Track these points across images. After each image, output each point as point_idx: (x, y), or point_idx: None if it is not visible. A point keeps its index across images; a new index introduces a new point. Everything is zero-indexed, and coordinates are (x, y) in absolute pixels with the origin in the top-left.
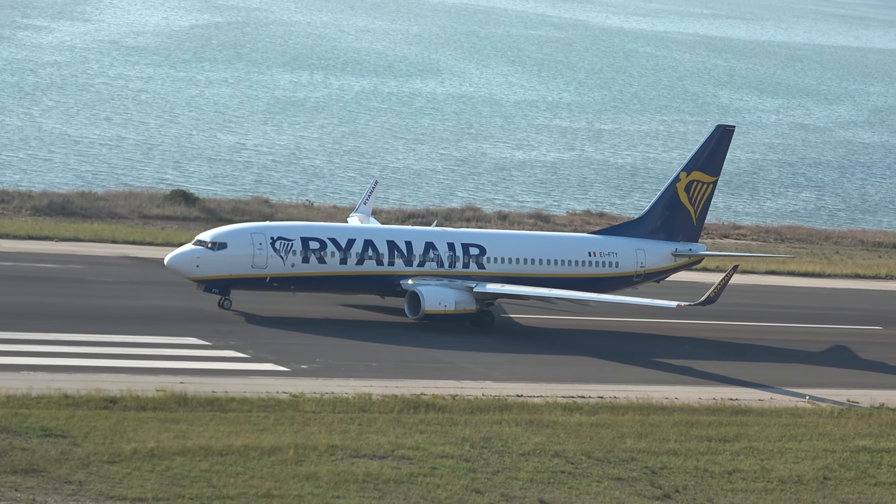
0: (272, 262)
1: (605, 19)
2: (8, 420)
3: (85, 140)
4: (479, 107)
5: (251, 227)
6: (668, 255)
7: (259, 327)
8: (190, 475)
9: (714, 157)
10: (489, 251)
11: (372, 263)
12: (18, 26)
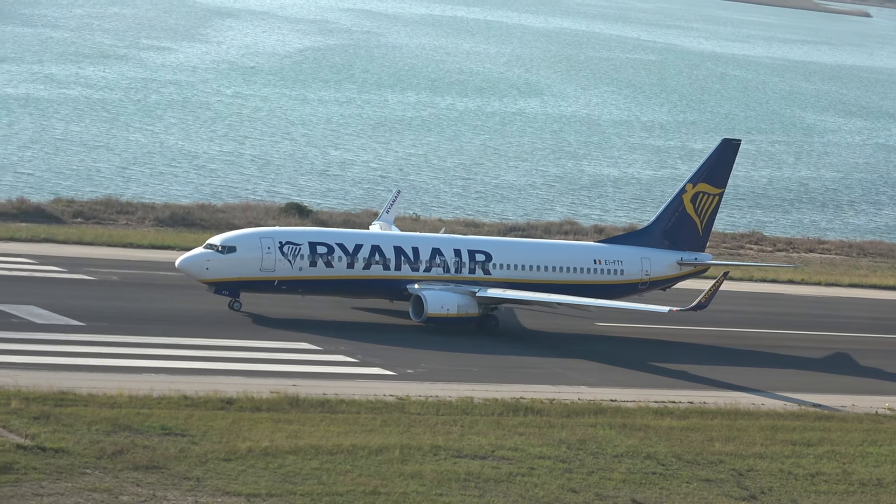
0: (280, 266)
1: (697, 44)
2: (131, 419)
3: (204, 155)
4: (577, 126)
5: (260, 231)
6: (673, 263)
7: (367, 333)
8: (301, 473)
9: (720, 170)
10: (495, 258)
11: (379, 268)
12: (143, 47)
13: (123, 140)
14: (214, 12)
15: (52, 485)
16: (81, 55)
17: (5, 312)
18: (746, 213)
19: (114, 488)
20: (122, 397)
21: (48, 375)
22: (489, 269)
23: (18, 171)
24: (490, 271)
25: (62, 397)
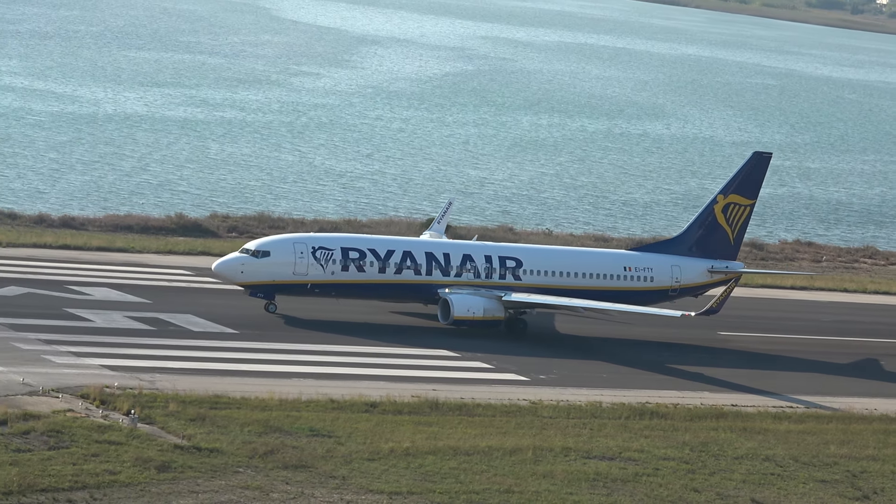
0: (313, 270)
1: (814, 69)
2: (281, 421)
3: (349, 174)
4: (700, 146)
5: (294, 237)
6: (703, 271)
7: (502, 342)
8: (440, 472)
9: (750, 182)
10: (525, 264)
11: (410, 273)
12: (293, 73)
13: (274, 159)
14: (360, 40)
15: (207, 482)
16: (236, 80)
17: (164, 321)
18: (861, 229)
19: (265, 486)
20: (272, 401)
21: (204, 380)
22: (519, 275)
23: (177, 189)
24: (521, 277)
25: (217, 400)
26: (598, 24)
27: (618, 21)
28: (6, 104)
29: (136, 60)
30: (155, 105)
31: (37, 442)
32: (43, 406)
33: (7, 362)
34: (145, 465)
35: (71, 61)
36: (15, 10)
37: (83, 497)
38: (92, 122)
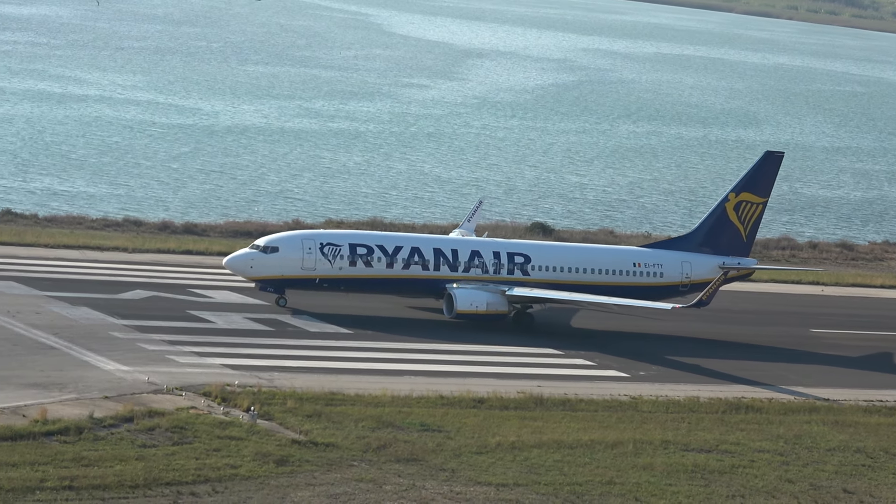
0: (321, 265)
1: None
2: (393, 416)
3: (456, 181)
4: (792, 152)
5: (303, 233)
6: (714, 267)
7: (604, 340)
8: (545, 465)
9: (762, 180)
10: (534, 260)
11: (418, 268)
12: (402, 85)
13: (385, 168)
14: (467, 53)
15: (323, 475)
16: (348, 92)
17: (282, 322)
18: None
19: (378, 479)
20: (385, 397)
21: (320, 378)
22: (528, 271)
23: (292, 196)
24: (529, 273)
25: (332, 397)
26: (694, 35)
27: (713, 33)
28: (131, 117)
29: (253, 74)
30: (271, 117)
31: (161, 438)
32: (167, 403)
33: (133, 362)
34: (264, 459)
35: (192, 76)
36: (140, 28)
37: (206, 490)
38: (211, 133)
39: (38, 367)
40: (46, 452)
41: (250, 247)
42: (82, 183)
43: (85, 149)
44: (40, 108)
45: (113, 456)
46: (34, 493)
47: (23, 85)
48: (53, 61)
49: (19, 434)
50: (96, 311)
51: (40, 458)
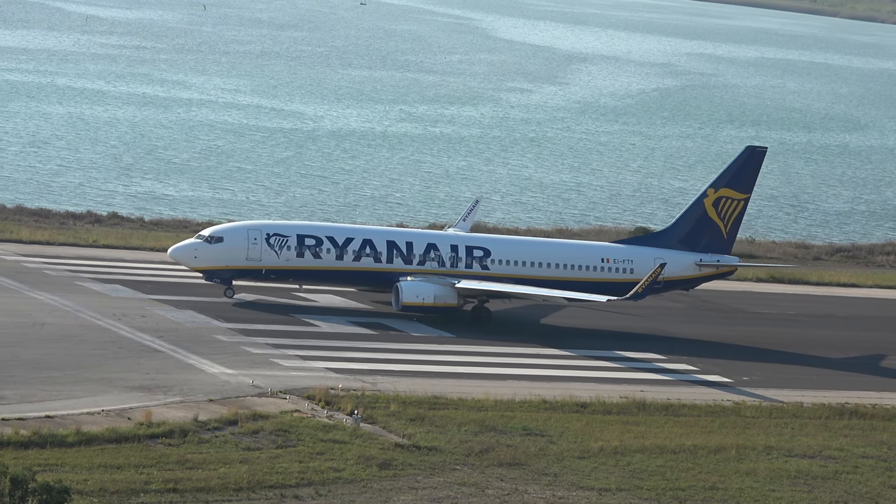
0: (266, 257)
1: None
2: (496, 420)
3: (558, 185)
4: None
5: (249, 224)
6: (690, 264)
7: (707, 346)
8: (647, 469)
9: (743, 176)
10: (494, 253)
11: (370, 261)
12: (505, 90)
13: (487, 172)
14: (569, 57)
15: (425, 479)
16: (451, 97)
17: (385, 326)
18: None
19: (480, 482)
20: (488, 401)
21: (423, 382)
22: (487, 265)
23: (395, 201)
24: (489, 267)
25: (435, 401)
26: (798, 40)
27: (817, 37)
28: (234, 121)
29: (356, 79)
30: (374, 121)
31: (265, 441)
32: (271, 407)
33: (238, 365)
34: (368, 463)
35: (295, 80)
36: (245, 32)
37: (309, 493)
38: (313, 137)
39: (143, 370)
40: (151, 455)
41: (196, 236)
42: (185, 186)
43: (188, 152)
44: (144, 111)
45: (217, 459)
46: (139, 495)
47: (128, 89)
48: (159, 65)
49: (124, 436)
50: (201, 314)
51: (145, 461)
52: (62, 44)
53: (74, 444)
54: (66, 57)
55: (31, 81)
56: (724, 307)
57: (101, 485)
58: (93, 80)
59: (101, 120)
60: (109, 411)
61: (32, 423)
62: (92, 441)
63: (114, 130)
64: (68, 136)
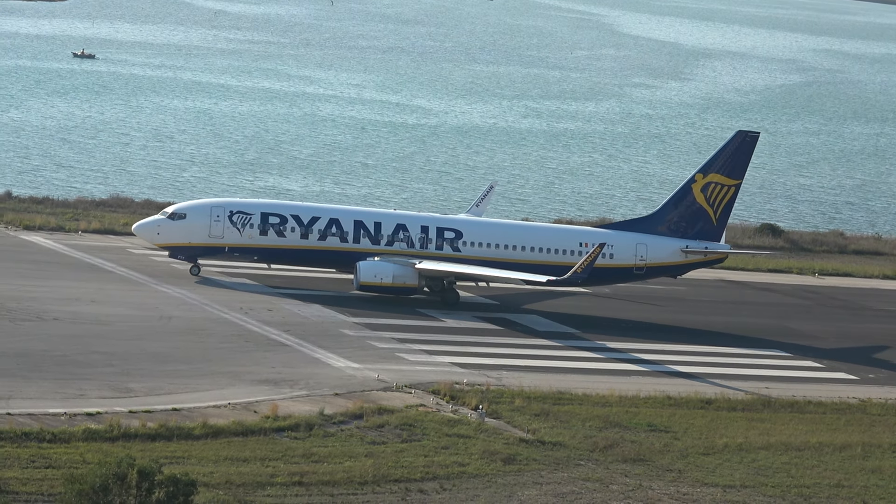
0: (229, 234)
1: None
2: (620, 416)
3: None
4: None
5: (213, 201)
6: (675, 251)
7: (833, 342)
8: (772, 467)
9: (734, 162)
10: (466, 235)
11: (335, 240)
12: (629, 85)
13: (611, 168)
14: (694, 53)
15: (550, 474)
16: (575, 92)
17: (511, 321)
18: None
19: (604, 478)
20: (612, 397)
21: (547, 377)
22: (458, 247)
23: (519, 196)
24: (460, 249)
25: (560, 397)
26: None
27: None
28: (359, 116)
29: (482, 74)
30: (498, 117)
31: (390, 435)
32: (396, 401)
33: (364, 359)
34: (492, 458)
35: (421, 75)
36: (372, 28)
37: (433, 487)
38: (437, 133)
39: (269, 364)
40: (277, 448)
41: (160, 213)
42: (309, 182)
43: (312, 148)
44: (269, 107)
45: (342, 452)
46: (264, 488)
47: (253, 84)
48: (285, 60)
49: (250, 429)
50: (328, 308)
51: (271, 454)
52: (189, 39)
53: (201, 436)
54: (193, 52)
55: (158, 76)
56: (851, 304)
57: (226, 477)
58: (218, 75)
59: (226, 115)
60: (236, 404)
61: (160, 416)
62: (218, 434)
63: (238, 125)
64: (193, 131)
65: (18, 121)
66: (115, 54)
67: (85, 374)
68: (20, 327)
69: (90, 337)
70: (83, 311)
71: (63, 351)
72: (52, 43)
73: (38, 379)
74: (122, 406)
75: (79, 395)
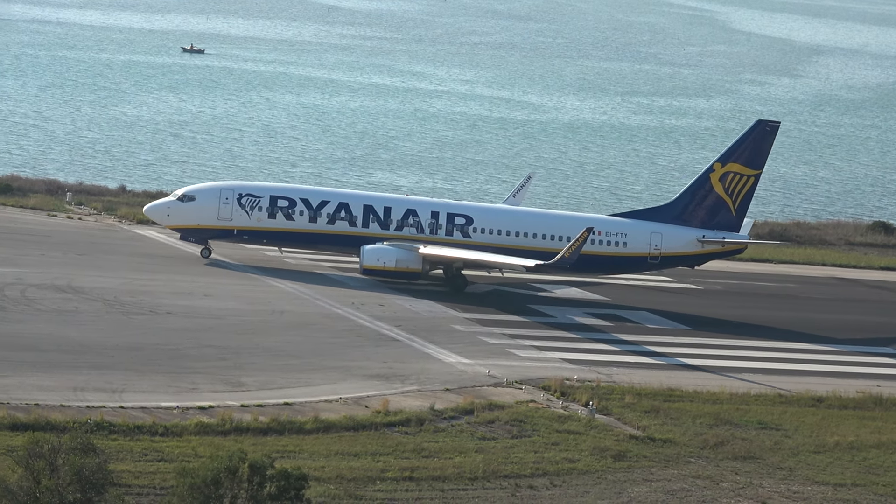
0: (237, 217)
1: None
2: (731, 414)
3: (792, 179)
4: None
5: (223, 184)
6: (691, 240)
7: None
8: (883, 465)
9: (754, 151)
10: (476, 222)
11: (344, 224)
12: (741, 81)
13: None
14: (807, 49)
15: (660, 471)
16: (687, 88)
17: (621, 317)
18: None
19: (715, 476)
20: (723, 394)
21: (658, 374)
22: (469, 233)
23: (622, 195)
24: (470, 235)
25: (670, 394)
26: None
27: None
28: (470, 112)
29: (593, 70)
30: (608, 113)
31: (501, 430)
32: (507, 397)
33: (474, 355)
34: (602, 454)
35: (532, 71)
36: (483, 24)
37: (543, 483)
38: (547, 130)
39: (380, 359)
40: (388, 443)
41: (171, 195)
42: (420, 177)
43: (422, 143)
44: (379, 102)
45: (453, 448)
46: (375, 483)
47: (363, 79)
48: (396, 56)
49: (361, 424)
50: (439, 303)
51: (382, 449)
52: (302, 34)
53: (312, 431)
54: (305, 47)
55: (269, 71)
56: None
57: (337, 472)
58: (330, 70)
59: (336, 110)
60: (347, 399)
61: (271, 410)
62: (330, 428)
63: (348, 121)
64: (303, 127)
65: (131, 116)
66: (225, 49)
67: (197, 367)
68: (133, 321)
69: (203, 331)
70: (196, 305)
71: (176, 345)
72: (163, 38)
73: (150, 372)
74: (234, 400)
75: (191, 389)
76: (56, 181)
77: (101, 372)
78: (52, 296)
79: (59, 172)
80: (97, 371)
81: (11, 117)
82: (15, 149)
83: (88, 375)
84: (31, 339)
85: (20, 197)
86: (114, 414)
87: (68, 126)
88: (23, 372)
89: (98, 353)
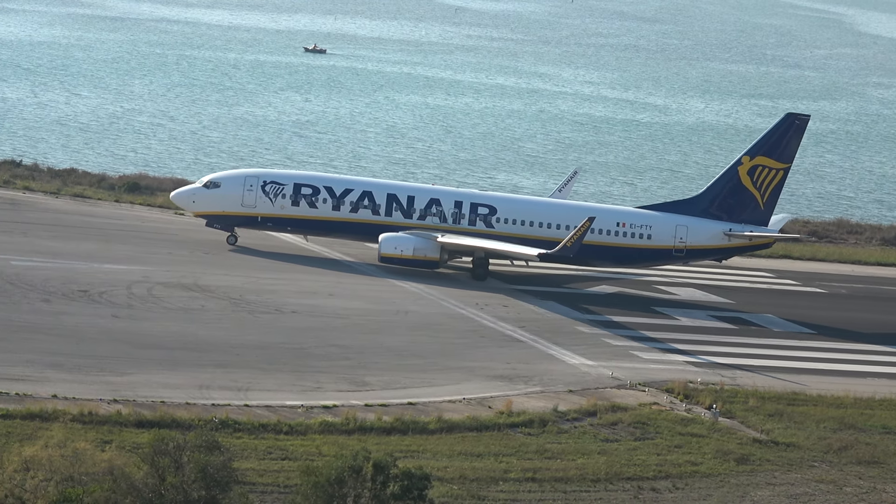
0: (261, 204)
1: None
2: (855, 418)
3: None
4: None
5: (248, 171)
6: (718, 234)
7: None
8: None
9: (783, 144)
10: (500, 212)
11: (367, 213)
12: (868, 84)
13: (844, 169)
14: None
15: (783, 475)
16: (811, 91)
17: (745, 320)
18: None
19: (838, 480)
20: (847, 398)
21: (782, 377)
22: (492, 223)
23: None
24: (493, 225)
25: (794, 397)
26: None
27: None
28: (594, 113)
29: (719, 73)
30: (731, 115)
31: (623, 433)
32: (630, 399)
33: (598, 357)
34: (725, 457)
35: (658, 73)
36: (610, 25)
37: (666, 486)
38: (671, 132)
39: (504, 360)
40: (511, 444)
41: (198, 182)
42: (543, 179)
43: (545, 145)
44: (503, 102)
45: (575, 449)
46: (497, 483)
47: (489, 80)
48: (522, 57)
49: (485, 425)
50: (563, 305)
51: (504, 450)
52: (428, 35)
53: (435, 431)
54: (430, 48)
55: (392, 72)
56: None
57: (460, 472)
58: (455, 71)
59: (460, 111)
60: (470, 399)
61: (395, 410)
62: (453, 429)
63: (472, 122)
64: (427, 128)
65: (257, 116)
66: (350, 49)
67: (322, 367)
68: (259, 320)
69: (328, 330)
70: (321, 304)
71: (301, 344)
72: (286, 37)
73: (275, 371)
74: (358, 399)
75: (315, 388)
76: (183, 180)
77: (227, 370)
78: (179, 294)
79: (186, 171)
80: (222, 369)
81: (139, 117)
82: (142, 148)
83: (214, 373)
84: (157, 336)
85: (148, 196)
86: (239, 412)
87: (194, 125)
88: (149, 369)
89: (223, 351)
